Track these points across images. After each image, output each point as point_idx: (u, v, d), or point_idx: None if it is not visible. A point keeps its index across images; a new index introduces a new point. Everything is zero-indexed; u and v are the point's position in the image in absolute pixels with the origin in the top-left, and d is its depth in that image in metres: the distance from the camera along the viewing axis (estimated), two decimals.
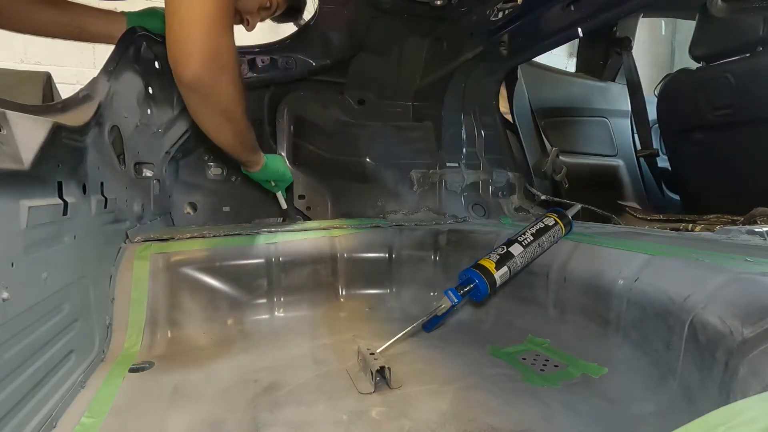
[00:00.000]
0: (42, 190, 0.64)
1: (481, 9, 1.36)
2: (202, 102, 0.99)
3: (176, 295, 1.00)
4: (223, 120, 1.04)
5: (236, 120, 1.06)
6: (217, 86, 0.95)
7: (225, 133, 1.09)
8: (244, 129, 1.11)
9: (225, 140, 1.12)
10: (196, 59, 0.90)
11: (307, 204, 1.55)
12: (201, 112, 1.03)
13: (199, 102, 0.99)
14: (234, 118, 1.05)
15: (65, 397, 0.67)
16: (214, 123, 1.05)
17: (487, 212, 1.64)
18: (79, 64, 3.61)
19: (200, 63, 0.90)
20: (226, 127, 1.07)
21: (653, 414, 0.65)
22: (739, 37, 1.62)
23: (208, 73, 0.92)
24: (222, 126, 1.06)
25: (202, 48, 0.89)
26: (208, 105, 1.00)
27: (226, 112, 1.02)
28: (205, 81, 0.93)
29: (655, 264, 0.78)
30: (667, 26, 5.66)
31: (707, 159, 1.79)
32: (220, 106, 1.00)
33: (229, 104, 1.00)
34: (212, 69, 0.92)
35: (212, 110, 1.01)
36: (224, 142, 1.12)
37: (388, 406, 0.70)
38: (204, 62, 0.90)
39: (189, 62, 0.90)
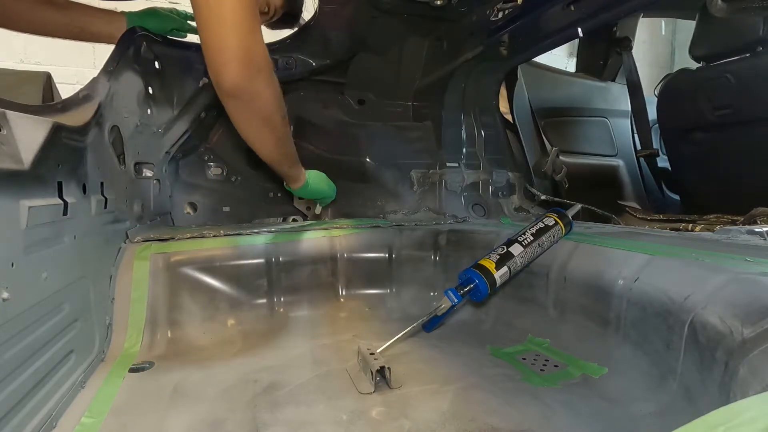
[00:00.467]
0: (42, 190, 0.64)
1: (481, 9, 1.36)
2: (244, 108, 0.99)
3: (176, 295, 1.00)
4: (265, 126, 1.04)
5: (277, 124, 1.06)
6: (256, 89, 0.96)
7: (267, 141, 1.09)
8: (285, 136, 1.11)
9: (268, 148, 1.11)
10: (234, 65, 0.90)
11: (307, 204, 1.55)
12: (243, 120, 1.03)
13: (242, 109, 1.00)
14: (274, 122, 1.05)
15: (65, 397, 0.67)
16: (256, 131, 1.06)
17: (487, 212, 1.64)
18: (79, 64, 3.60)
19: (238, 68, 0.91)
20: (268, 134, 1.07)
21: (653, 414, 0.65)
22: (739, 37, 1.62)
23: (247, 78, 0.92)
24: (264, 133, 1.06)
25: (237, 53, 0.90)
26: (250, 111, 1.00)
27: (267, 117, 1.02)
28: (245, 85, 0.93)
29: (655, 264, 0.78)
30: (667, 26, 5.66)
31: (707, 159, 1.79)
32: (261, 111, 1.01)
33: (270, 107, 1.01)
34: (250, 73, 0.92)
35: (254, 116, 1.02)
36: (267, 150, 1.12)
37: (388, 406, 0.70)
38: (241, 67, 0.91)
39: (227, 70, 0.91)
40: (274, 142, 1.10)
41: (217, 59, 0.91)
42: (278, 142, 1.10)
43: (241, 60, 0.90)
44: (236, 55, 0.90)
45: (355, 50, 1.54)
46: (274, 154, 1.14)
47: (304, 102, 1.58)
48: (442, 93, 1.64)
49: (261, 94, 0.97)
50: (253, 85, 0.94)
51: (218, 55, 0.91)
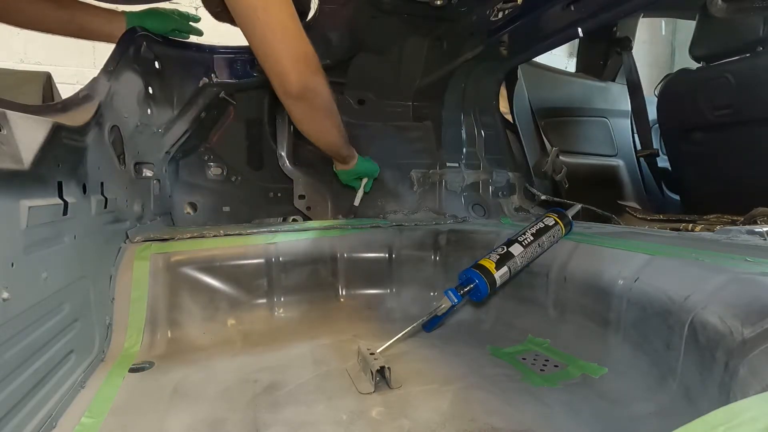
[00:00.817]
0: (42, 190, 0.64)
1: (481, 9, 1.36)
2: (310, 108, 1.08)
3: (176, 295, 1.00)
4: (328, 119, 1.14)
5: (336, 114, 1.15)
6: (318, 88, 1.04)
7: (331, 132, 1.19)
8: (341, 123, 1.20)
9: (332, 138, 1.22)
10: (295, 72, 0.98)
11: (307, 204, 1.55)
12: (309, 118, 1.12)
13: (308, 109, 1.08)
14: (334, 112, 1.14)
15: (65, 397, 0.67)
16: (321, 125, 1.16)
17: (487, 212, 1.64)
18: (79, 64, 3.60)
19: (300, 72, 0.99)
20: (331, 125, 1.17)
21: (653, 414, 0.65)
22: (739, 37, 1.62)
23: (309, 79, 1.01)
24: (328, 126, 1.16)
25: (297, 57, 0.98)
26: (315, 108, 1.09)
27: (329, 110, 1.12)
28: (309, 86, 1.02)
29: (655, 264, 0.78)
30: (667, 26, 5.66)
31: (707, 159, 1.79)
32: (324, 106, 1.10)
33: (330, 101, 1.10)
34: (309, 74, 1.01)
35: (319, 113, 1.11)
36: (331, 140, 1.23)
37: (388, 406, 0.70)
38: (303, 70, 0.99)
39: (291, 76, 0.99)
40: (336, 131, 1.20)
41: (279, 69, 0.98)
42: (339, 130, 1.20)
43: (300, 65, 0.98)
44: (296, 61, 0.98)
45: (355, 50, 1.54)
46: (337, 141, 1.24)
47: None
48: (442, 93, 1.64)
49: (321, 90, 1.05)
50: (314, 83, 1.03)
51: (279, 65, 0.98)
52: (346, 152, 1.34)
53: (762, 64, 1.55)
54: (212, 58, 1.36)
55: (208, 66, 1.35)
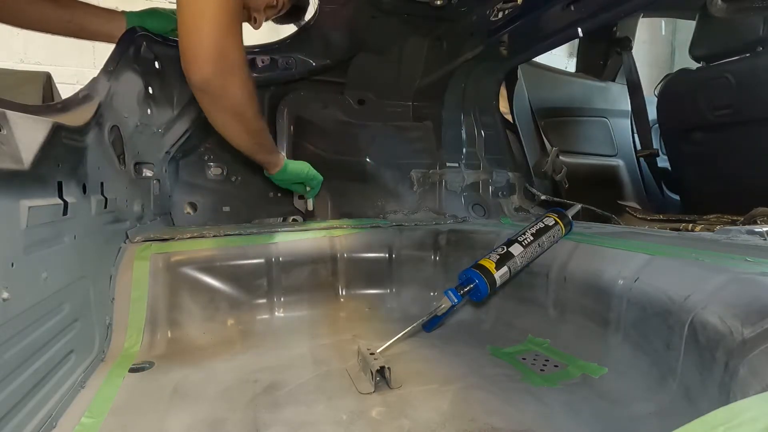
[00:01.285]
0: (42, 190, 0.64)
1: (481, 9, 1.36)
2: (213, 103, 1.03)
3: (176, 295, 1.00)
4: (235, 120, 1.08)
5: (248, 120, 1.09)
6: (226, 87, 0.98)
7: (238, 133, 1.12)
8: (257, 129, 1.14)
9: (239, 140, 1.15)
10: (204, 62, 0.93)
11: (307, 204, 1.55)
12: (213, 113, 1.06)
13: (211, 103, 1.03)
14: (245, 118, 1.08)
15: (65, 397, 0.67)
16: (226, 123, 1.09)
17: (487, 212, 1.64)
18: (79, 64, 3.61)
19: (209, 65, 0.93)
20: (239, 128, 1.10)
21: (653, 414, 0.65)
22: (739, 37, 1.62)
23: (217, 75, 0.95)
24: (234, 126, 1.10)
25: (210, 50, 0.92)
26: (219, 106, 1.03)
27: (237, 113, 1.05)
28: (214, 82, 0.96)
29: (655, 264, 0.78)
30: (667, 26, 5.66)
31: (707, 159, 1.79)
32: (231, 108, 1.04)
33: (240, 105, 1.03)
34: (220, 71, 0.94)
35: (223, 111, 1.05)
36: (239, 142, 1.16)
37: (388, 406, 0.70)
38: (212, 64, 0.93)
39: (198, 65, 0.93)
40: (246, 135, 1.13)
41: (188, 54, 0.93)
42: (250, 135, 1.14)
43: (212, 58, 0.92)
44: (208, 52, 0.92)
45: (355, 50, 1.54)
46: (247, 145, 1.18)
47: (304, 102, 1.58)
48: (442, 93, 1.64)
49: (230, 91, 0.99)
50: (222, 82, 0.96)
51: (190, 51, 0.93)
52: (264, 159, 1.27)
53: (762, 64, 1.55)
54: None
55: None
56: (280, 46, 1.46)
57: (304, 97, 1.57)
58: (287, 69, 1.46)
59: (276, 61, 1.44)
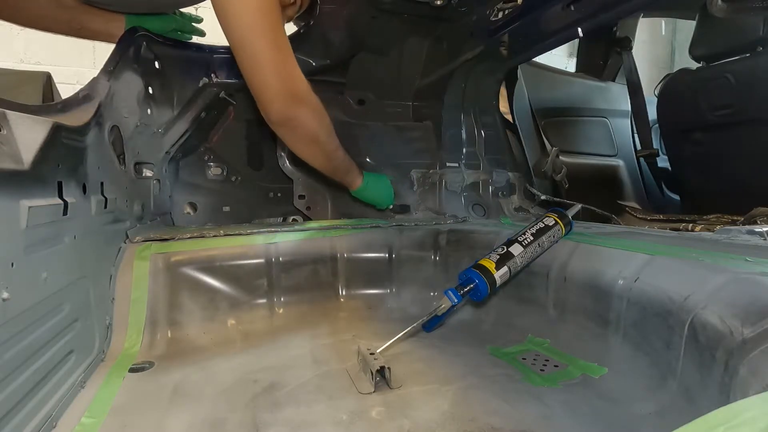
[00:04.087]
0: (42, 190, 0.64)
1: (481, 9, 1.36)
2: (291, 134, 1.15)
3: (176, 295, 1.00)
4: (312, 146, 1.19)
5: (323, 143, 1.19)
6: (300, 118, 1.10)
7: (317, 157, 1.24)
8: (332, 150, 1.24)
9: (318, 163, 1.26)
10: (277, 101, 1.05)
11: (307, 204, 1.55)
12: (292, 142, 1.20)
13: (289, 134, 1.16)
14: (320, 141, 1.18)
15: (65, 397, 0.67)
16: (305, 150, 1.21)
17: (487, 212, 1.64)
18: (79, 64, 3.61)
19: (280, 102, 1.05)
20: (317, 152, 1.22)
21: (653, 414, 0.65)
22: (739, 37, 1.62)
23: (290, 110, 1.07)
24: (313, 151, 1.22)
25: (279, 91, 1.04)
26: (297, 135, 1.16)
27: (312, 139, 1.17)
28: (289, 116, 1.08)
29: (655, 264, 0.78)
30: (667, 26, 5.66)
31: (707, 159, 1.79)
32: (307, 135, 1.15)
33: (313, 130, 1.14)
34: (292, 105, 1.07)
35: (301, 139, 1.17)
36: (319, 165, 1.27)
37: (388, 406, 0.70)
38: (282, 101, 1.05)
39: (273, 105, 1.06)
40: (323, 158, 1.25)
41: (262, 98, 1.05)
42: (327, 157, 1.25)
43: (283, 96, 1.04)
44: (278, 92, 1.04)
45: (355, 50, 1.54)
46: (326, 167, 1.29)
47: None
48: (442, 93, 1.64)
49: (304, 120, 1.11)
50: (296, 114, 1.08)
51: (263, 95, 1.05)
52: (342, 179, 1.36)
53: (762, 64, 1.55)
54: (212, 58, 1.36)
55: (208, 66, 1.35)
56: None
57: None
58: None
59: None
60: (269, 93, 1.04)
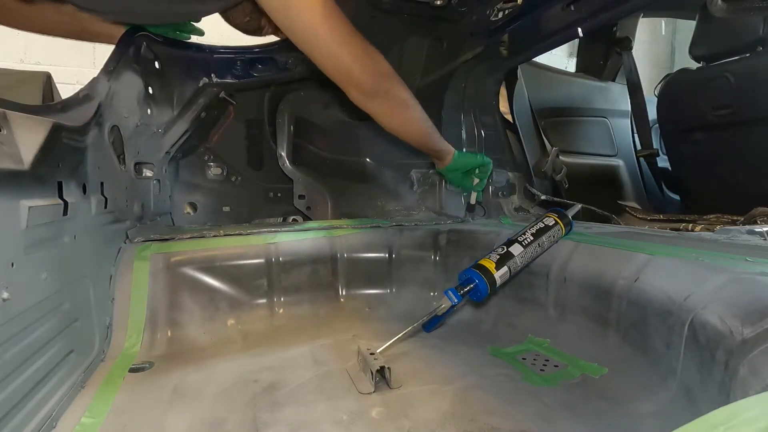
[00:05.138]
0: (42, 190, 0.64)
1: (481, 9, 1.36)
2: (388, 102, 1.17)
3: (176, 295, 1.00)
4: (408, 111, 1.20)
5: (416, 107, 1.21)
6: (386, 87, 1.13)
7: (414, 123, 1.24)
8: (423, 115, 1.24)
9: (416, 130, 1.25)
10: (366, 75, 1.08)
11: (307, 204, 1.55)
12: (390, 113, 1.20)
13: (386, 103, 1.17)
14: (414, 106, 1.20)
15: (65, 397, 0.67)
16: (403, 117, 1.21)
17: (487, 212, 1.64)
18: (79, 64, 3.60)
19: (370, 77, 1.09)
20: (413, 117, 1.22)
21: (653, 414, 0.65)
22: (739, 37, 1.62)
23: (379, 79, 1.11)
24: (409, 116, 1.22)
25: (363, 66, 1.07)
26: (392, 102, 1.17)
27: (407, 102, 1.19)
28: (381, 84, 1.12)
29: (655, 264, 0.78)
30: (667, 26, 5.65)
31: (707, 159, 1.79)
32: (401, 98, 1.17)
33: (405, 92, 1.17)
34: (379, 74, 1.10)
35: (396, 106, 1.18)
36: (416, 131, 1.26)
37: (388, 406, 0.70)
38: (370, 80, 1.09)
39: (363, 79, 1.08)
40: (419, 122, 1.24)
41: (349, 84, 1.10)
42: (423, 121, 1.24)
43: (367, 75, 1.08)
44: (364, 66, 1.07)
45: None
46: (422, 134, 1.27)
47: (305, 102, 1.58)
48: (442, 93, 1.64)
49: (393, 83, 1.14)
50: (384, 84, 1.12)
51: (349, 81, 1.09)
52: (437, 146, 1.34)
53: (762, 64, 1.55)
54: (212, 58, 1.36)
55: (208, 66, 1.35)
56: (280, 46, 1.45)
57: (304, 97, 1.57)
58: (287, 69, 1.46)
59: (276, 61, 1.44)
60: (356, 70, 1.07)
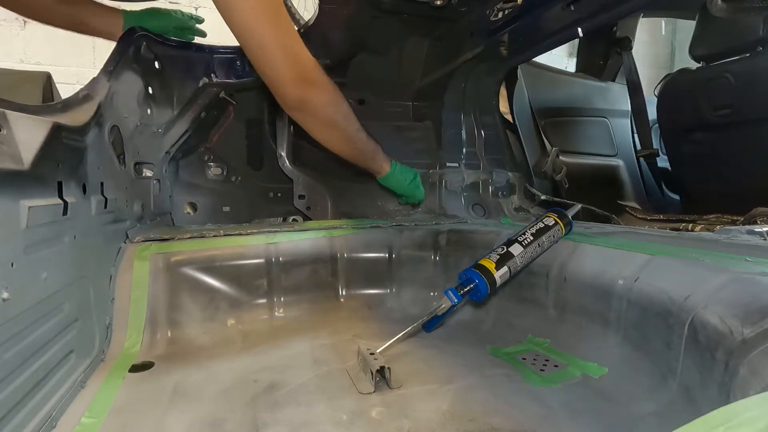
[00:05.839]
0: (42, 190, 0.64)
1: (481, 9, 1.36)
2: (308, 118, 1.14)
3: (176, 295, 1.00)
4: (332, 129, 1.18)
5: (342, 126, 1.18)
6: (313, 100, 1.09)
7: (338, 141, 1.21)
8: (354, 133, 1.21)
9: (339, 147, 1.23)
10: (289, 86, 1.04)
11: (307, 204, 1.55)
12: (311, 127, 1.17)
13: (306, 118, 1.14)
14: (338, 124, 1.17)
15: (65, 397, 0.67)
16: (325, 133, 1.19)
17: (487, 212, 1.64)
18: (79, 64, 3.60)
19: (293, 87, 1.05)
20: (337, 135, 1.20)
21: (653, 414, 0.65)
22: (739, 37, 1.62)
23: (303, 92, 1.06)
24: (332, 135, 1.19)
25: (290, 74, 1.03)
26: (313, 119, 1.14)
27: (330, 122, 1.16)
28: (303, 98, 1.07)
29: (655, 264, 0.78)
30: (667, 26, 5.65)
31: (707, 159, 1.79)
32: (324, 118, 1.14)
33: (330, 113, 1.14)
34: (304, 87, 1.06)
35: (318, 123, 1.16)
36: (339, 149, 1.23)
37: (388, 406, 0.70)
38: (296, 85, 1.04)
39: (286, 90, 1.05)
40: (344, 141, 1.21)
41: (275, 84, 1.05)
42: (347, 140, 1.21)
43: (294, 79, 1.03)
44: (289, 76, 1.03)
45: (355, 50, 1.54)
46: (349, 152, 1.26)
47: None
48: (442, 93, 1.64)
49: (318, 102, 1.10)
50: (310, 96, 1.07)
51: (275, 81, 1.04)
52: (368, 165, 1.33)
53: (762, 64, 1.55)
54: (212, 58, 1.36)
55: (208, 66, 1.35)
56: None
57: None
58: None
59: None
60: (281, 78, 1.04)
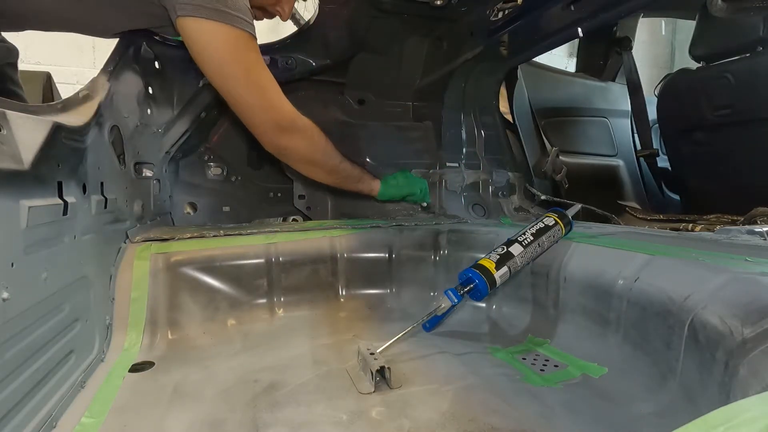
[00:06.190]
0: (42, 190, 0.64)
1: (481, 9, 1.36)
2: (289, 158, 1.25)
3: (176, 295, 1.00)
4: (311, 166, 1.28)
5: (321, 163, 1.27)
6: (290, 146, 1.19)
7: (319, 175, 1.31)
8: (335, 166, 1.30)
9: (322, 179, 1.33)
10: (267, 135, 1.16)
11: (307, 204, 1.55)
12: (293, 164, 1.29)
13: (288, 158, 1.26)
14: (318, 162, 1.27)
15: (65, 397, 0.67)
16: (306, 170, 1.30)
17: (487, 212, 1.64)
18: (79, 64, 3.61)
19: (271, 136, 1.16)
20: (317, 171, 1.30)
21: (653, 414, 0.65)
22: (739, 37, 1.62)
23: (280, 140, 1.17)
24: (313, 171, 1.30)
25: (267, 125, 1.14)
26: (294, 159, 1.25)
27: (309, 161, 1.26)
28: (280, 145, 1.18)
29: (655, 264, 0.78)
30: (667, 26, 5.66)
31: (707, 159, 1.79)
32: (302, 159, 1.25)
33: (308, 154, 1.24)
34: (281, 136, 1.16)
35: (298, 163, 1.27)
36: (324, 180, 1.33)
37: (388, 406, 0.70)
38: (273, 134, 1.16)
39: (264, 138, 1.16)
40: (325, 175, 1.31)
41: (254, 131, 1.16)
42: (329, 173, 1.31)
43: (271, 129, 1.14)
44: (266, 126, 1.14)
45: (355, 50, 1.54)
46: (333, 182, 1.35)
47: (304, 102, 1.57)
48: (442, 93, 1.64)
49: (295, 147, 1.20)
50: (287, 143, 1.18)
51: (254, 129, 1.15)
52: (356, 189, 1.39)
53: (762, 64, 1.55)
54: None
55: None
56: (280, 46, 1.46)
57: (304, 97, 1.57)
58: (287, 69, 1.46)
59: (276, 61, 1.44)
60: (258, 128, 1.14)
